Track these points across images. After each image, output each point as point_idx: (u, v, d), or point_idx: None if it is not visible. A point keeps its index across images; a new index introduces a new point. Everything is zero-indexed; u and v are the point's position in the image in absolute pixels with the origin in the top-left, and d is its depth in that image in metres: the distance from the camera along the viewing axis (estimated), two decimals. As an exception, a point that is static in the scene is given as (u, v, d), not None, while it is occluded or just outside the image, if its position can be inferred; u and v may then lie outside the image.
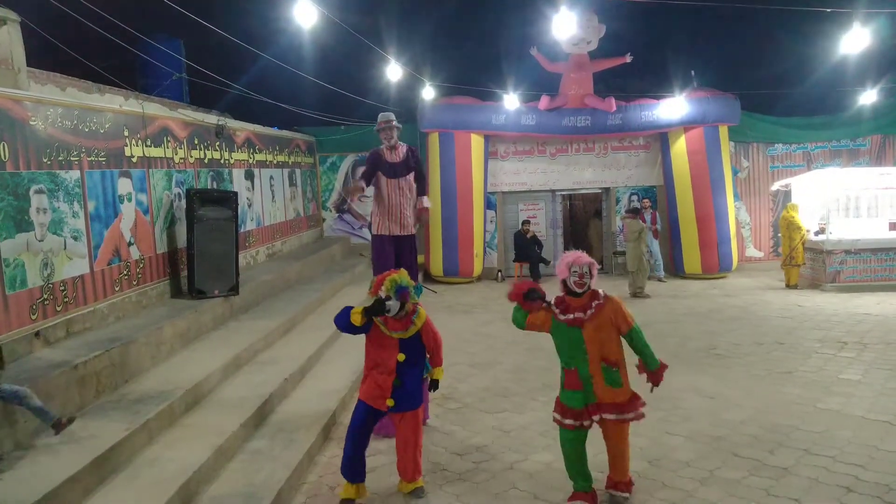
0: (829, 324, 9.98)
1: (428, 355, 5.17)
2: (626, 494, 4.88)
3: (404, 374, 4.87)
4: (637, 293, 12.67)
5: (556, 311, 4.70)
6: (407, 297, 4.82)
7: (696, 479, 5.23)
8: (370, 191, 6.65)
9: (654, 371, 4.80)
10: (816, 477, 5.16)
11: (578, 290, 4.65)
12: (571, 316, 4.63)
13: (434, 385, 5.31)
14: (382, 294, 4.79)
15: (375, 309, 4.78)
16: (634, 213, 13.18)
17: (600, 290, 4.75)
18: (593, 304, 4.64)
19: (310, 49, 11.92)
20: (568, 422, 4.68)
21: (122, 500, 4.43)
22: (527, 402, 7.09)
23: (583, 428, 4.70)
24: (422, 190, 6.70)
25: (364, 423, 4.94)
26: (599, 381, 4.62)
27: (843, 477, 5.13)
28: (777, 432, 6.02)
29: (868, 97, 14.71)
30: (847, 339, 9.03)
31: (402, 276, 4.90)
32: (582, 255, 4.72)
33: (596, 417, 4.66)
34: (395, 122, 6.43)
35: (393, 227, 6.41)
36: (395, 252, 6.40)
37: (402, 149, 6.44)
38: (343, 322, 4.91)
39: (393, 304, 4.76)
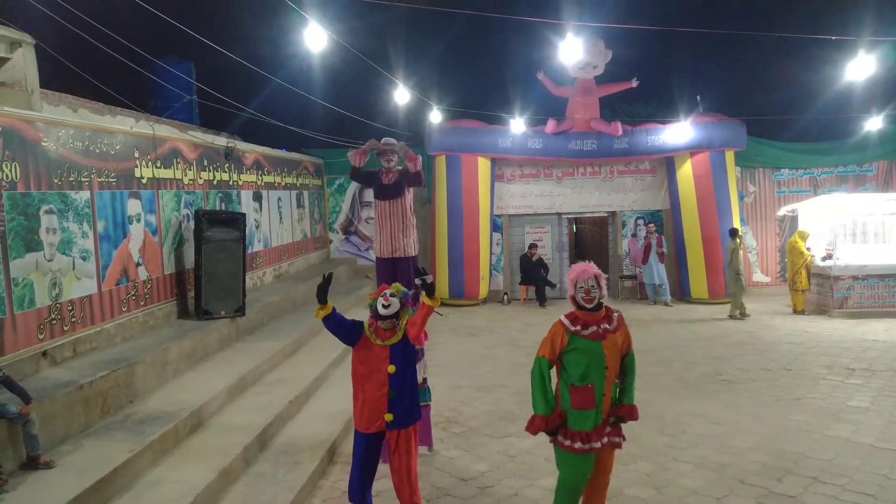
0: (837, 350, 9.91)
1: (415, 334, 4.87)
2: None
3: (397, 385, 4.71)
4: (734, 315, 12.63)
5: (575, 327, 4.35)
6: (408, 304, 4.83)
7: (703, 506, 5.17)
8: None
9: (630, 405, 4.38)
10: (825, 506, 5.10)
11: (588, 306, 4.35)
12: (595, 329, 4.32)
13: (427, 284, 4.87)
14: (381, 302, 4.72)
15: (323, 287, 4.75)
16: (732, 234, 12.92)
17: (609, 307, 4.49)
18: (614, 316, 4.40)
19: (319, 73, 12.09)
20: (577, 445, 4.26)
21: (126, 522, 4.42)
22: (532, 426, 7.04)
23: (592, 451, 4.28)
24: (415, 178, 6.77)
25: (367, 454, 4.79)
26: (609, 399, 4.32)
27: (852, 506, 5.07)
28: (785, 460, 5.96)
29: (874, 123, 14.77)
30: (855, 366, 8.97)
31: (406, 288, 4.97)
32: (586, 269, 4.41)
33: (604, 440, 4.30)
34: (396, 148, 6.56)
35: (384, 250, 6.48)
36: (394, 274, 6.43)
37: (396, 172, 6.54)
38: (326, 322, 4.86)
39: (394, 303, 4.70)
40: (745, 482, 5.55)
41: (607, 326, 4.34)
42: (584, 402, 4.26)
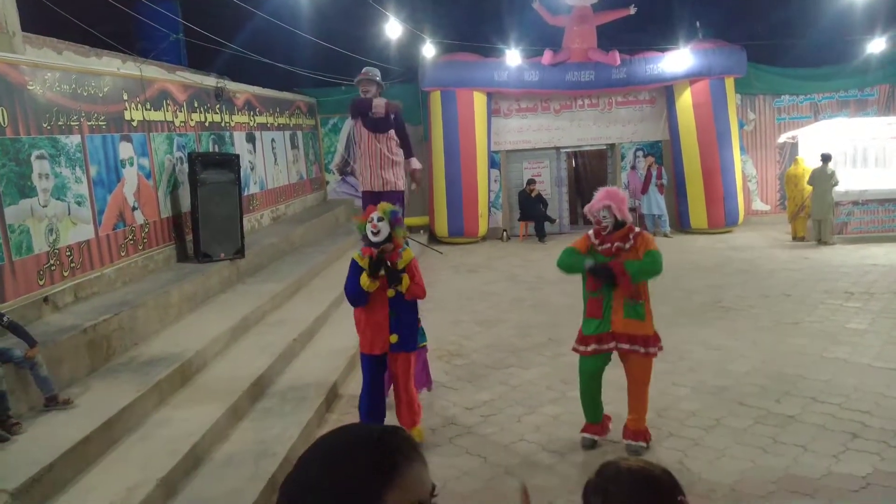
0: (836, 275, 9.95)
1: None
2: (643, 444, 4.93)
3: (398, 307, 4.89)
4: (827, 241, 12.27)
5: (595, 241, 4.87)
6: (398, 222, 4.84)
7: (702, 427, 5.28)
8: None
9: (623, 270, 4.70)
10: (823, 424, 5.20)
11: (602, 233, 4.84)
12: (609, 246, 4.80)
13: (391, 270, 4.83)
14: (370, 228, 4.77)
15: (376, 266, 4.77)
16: (826, 159, 12.27)
17: (636, 227, 4.90)
18: (631, 237, 4.78)
19: (307, 7, 11.70)
20: (583, 348, 4.91)
21: (135, 458, 4.51)
22: (533, 357, 7.14)
23: (598, 353, 4.86)
24: (408, 151, 6.57)
25: (372, 373, 5.00)
26: (619, 313, 4.78)
27: (849, 423, 5.17)
28: (783, 381, 6.05)
29: (876, 46, 14.40)
30: (854, 290, 9.02)
31: (392, 206, 4.94)
32: (599, 200, 4.84)
33: (611, 344, 4.83)
34: (377, 78, 6.28)
35: (374, 182, 6.23)
36: None
37: (382, 104, 6.22)
38: (353, 291, 4.88)
39: (383, 227, 4.77)
40: (744, 403, 5.65)
41: (621, 245, 4.77)
42: (594, 311, 4.87)
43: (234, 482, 4.48)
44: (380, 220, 4.79)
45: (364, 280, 4.80)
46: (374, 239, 4.79)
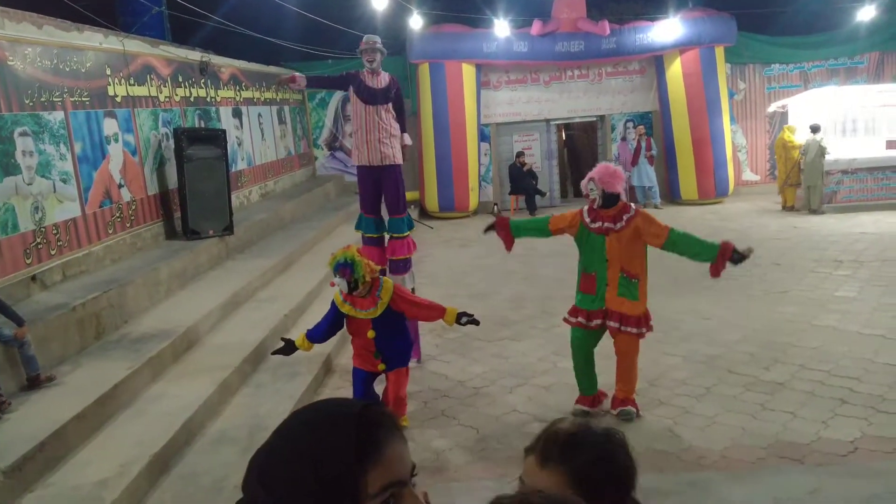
0: (826, 243, 10.00)
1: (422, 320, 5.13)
2: (633, 409, 4.99)
3: (381, 344, 4.86)
4: (816, 210, 12.25)
5: (587, 219, 4.90)
6: (349, 273, 4.59)
7: (692, 395, 5.32)
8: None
9: (716, 262, 5.00)
10: (812, 391, 5.25)
11: (594, 207, 4.87)
12: (600, 224, 4.84)
13: (470, 320, 4.90)
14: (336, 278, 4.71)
15: (284, 350, 5.05)
16: (814, 130, 12.29)
17: (632, 205, 4.95)
18: (624, 217, 4.81)
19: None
20: (575, 320, 4.99)
21: (129, 434, 4.51)
22: (525, 329, 7.16)
23: (589, 328, 4.94)
24: (402, 126, 6.46)
25: (365, 387, 5.06)
26: (613, 290, 4.86)
27: (837, 390, 5.23)
28: (773, 350, 6.10)
29: (866, 13, 14.31)
30: (843, 258, 9.07)
31: (348, 252, 4.68)
32: (587, 176, 4.91)
33: (599, 321, 4.90)
34: (379, 45, 6.13)
35: (372, 157, 6.04)
36: (377, 184, 6.16)
37: (385, 77, 6.09)
38: (312, 333, 5.07)
39: (340, 282, 4.66)
40: (734, 371, 5.70)
41: (611, 226, 4.81)
42: (587, 287, 4.96)
43: (227, 456, 4.48)
44: (334, 274, 4.67)
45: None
46: (341, 291, 4.80)
